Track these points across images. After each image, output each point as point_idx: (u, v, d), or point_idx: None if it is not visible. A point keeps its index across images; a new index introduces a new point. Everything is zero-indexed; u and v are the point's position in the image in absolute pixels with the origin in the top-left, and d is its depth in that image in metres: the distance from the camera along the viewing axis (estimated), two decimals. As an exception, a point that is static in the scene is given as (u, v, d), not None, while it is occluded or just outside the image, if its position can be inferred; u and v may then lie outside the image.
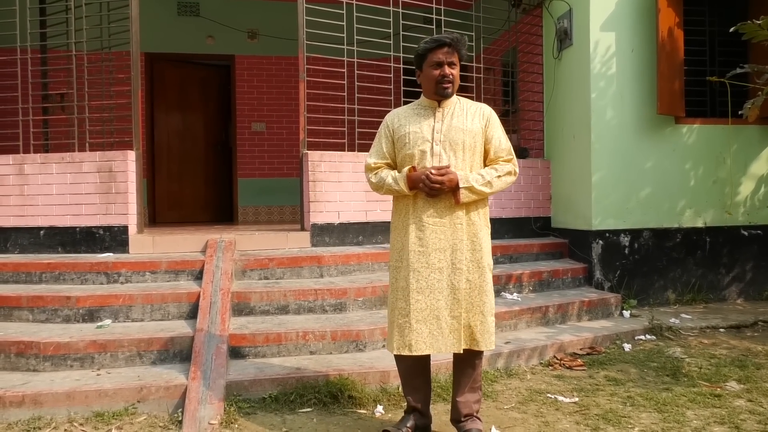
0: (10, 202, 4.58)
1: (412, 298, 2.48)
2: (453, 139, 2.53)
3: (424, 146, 2.53)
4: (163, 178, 7.79)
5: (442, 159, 2.51)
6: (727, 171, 5.20)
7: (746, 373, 3.40)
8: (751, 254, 5.31)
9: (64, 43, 4.98)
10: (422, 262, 2.49)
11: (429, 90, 2.57)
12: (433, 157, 2.52)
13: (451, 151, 2.52)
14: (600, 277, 4.99)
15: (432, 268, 2.49)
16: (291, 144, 7.83)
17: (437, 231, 2.50)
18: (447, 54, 2.50)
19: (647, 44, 5.03)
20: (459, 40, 2.54)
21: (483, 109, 2.63)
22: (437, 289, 2.48)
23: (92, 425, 2.77)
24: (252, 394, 3.02)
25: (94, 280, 4.04)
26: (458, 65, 2.56)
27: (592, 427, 2.72)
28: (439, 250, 2.49)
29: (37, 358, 3.21)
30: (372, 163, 2.64)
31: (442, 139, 2.53)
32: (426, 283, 2.48)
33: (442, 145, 2.52)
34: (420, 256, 2.50)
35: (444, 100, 2.58)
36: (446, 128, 2.54)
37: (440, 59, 2.50)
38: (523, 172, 5.61)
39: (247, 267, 4.17)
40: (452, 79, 2.52)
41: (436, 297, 2.48)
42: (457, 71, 2.55)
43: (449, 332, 2.48)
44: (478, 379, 2.61)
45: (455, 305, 2.48)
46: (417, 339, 2.47)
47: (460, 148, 2.52)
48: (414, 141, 2.54)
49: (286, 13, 6.56)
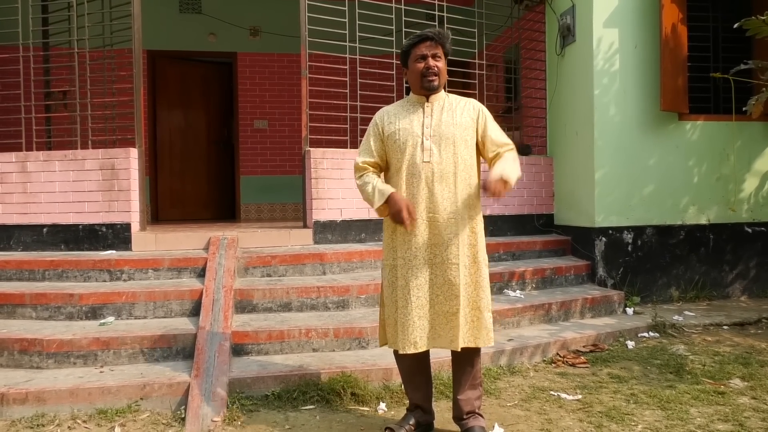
0: (13, 200, 4.58)
1: (412, 294, 2.47)
2: (443, 133, 2.51)
3: (415, 142, 2.52)
4: (166, 176, 7.80)
5: (433, 154, 2.49)
6: (730, 168, 5.18)
7: (750, 370, 3.39)
8: (754, 251, 5.29)
9: (66, 41, 4.98)
10: (419, 259, 2.48)
11: (416, 85, 2.57)
12: (424, 152, 2.50)
13: (441, 146, 2.50)
14: (603, 274, 4.98)
15: (429, 264, 2.48)
16: (293, 141, 7.83)
17: (432, 227, 2.49)
18: (430, 47, 2.51)
19: (651, 40, 5.01)
20: (442, 34, 2.53)
21: (473, 103, 2.62)
22: (435, 284, 2.48)
23: (95, 422, 2.77)
24: (255, 391, 3.02)
25: (97, 278, 4.05)
26: (443, 59, 2.55)
27: (596, 425, 2.72)
28: (434, 245, 2.48)
29: (41, 355, 3.21)
30: (360, 162, 2.61)
31: (432, 134, 2.51)
32: (424, 280, 2.47)
33: (432, 140, 2.50)
34: (416, 252, 2.48)
35: (432, 94, 2.56)
36: (436, 123, 2.53)
37: (423, 53, 2.50)
38: (526, 169, 5.60)
39: (249, 264, 4.17)
40: (437, 71, 2.51)
41: (435, 293, 2.48)
42: (442, 64, 2.54)
43: (449, 329, 2.47)
44: (478, 376, 2.61)
45: (453, 301, 2.46)
46: (421, 336, 2.46)
47: (450, 142, 2.50)
48: (404, 137, 2.53)
49: (288, 10, 6.54)
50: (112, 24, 5.00)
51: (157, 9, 7.31)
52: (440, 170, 2.48)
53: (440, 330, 2.48)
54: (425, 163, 2.49)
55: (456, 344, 2.47)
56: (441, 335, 2.48)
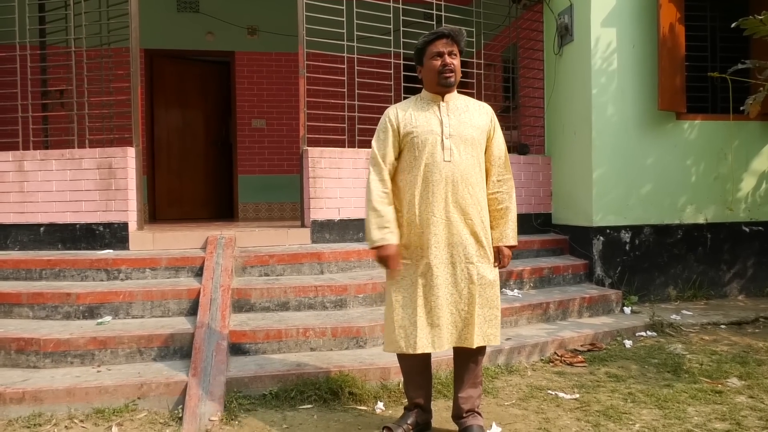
0: (10, 199, 4.57)
1: (432, 294, 2.45)
2: (463, 134, 2.51)
3: (434, 140, 2.49)
4: (163, 175, 7.78)
5: (453, 153, 2.48)
6: (728, 167, 5.19)
7: (747, 369, 3.40)
8: (752, 251, 5.30)
9: (63, 40, 4.97)
10: (439, 258, 2.46)
11: (431, 82, 2.55)
12: (444, 151, 2.48)
13: (461, 146, 2.50)
14: (601, 273, 4.98)
15: (449, 263, 2.47)
16: (291, 140, 7.83)
17: (450, 226, 2.47)
18: (446, 44, 2.49)
19: (648, 40, 5.01)
20: (458, 32, 2.53)
21: (486, 108, 2.64)
22: (453, 283, 2.48)
23: (93, 422, 2.77)
24: (252, 390, 3.01)
25: (94, 277, 4.04)
26: (459, 57, 2.54)
27: (593, 424, 2.72)
28: (452, 245, 2.47)
29: (38, 354, 3.20)
30: (379, 157, 2.53)
31: (452, 134, 2.50)
32: (444, 279, 2.47)
33: (452, 140, 2.49)
34: (429, 251, 2.46)
35: (447, 92, 2.56)
36: (456, 123, 2.52)
37: (440, 50, 2.49)
38: (524, 169, 5.60)
39: (247, 264, 4.17)
40: (453, 68, 2.50)
41: (452, 292, 2.47)
42: (458, 62, 2.53)
43: (466, 327, 2.48)
44: (479, 375, 2.61)
45: (471, 300, 2.46)
46: (438, 335, 2.45)
47: (470, 143, 2.51)
48: (423, 136, 2.49)
49: (286, 9, 6.53)
50: (109, 23, 4.98)
51: (154, 8, 7.30)
52: (462, 170, 2.49)
53: (457, 329, 2.48)
54: (446, 162, 2.47)
55: (471, 342, 2.47)
56: (458, 334, 2.48)
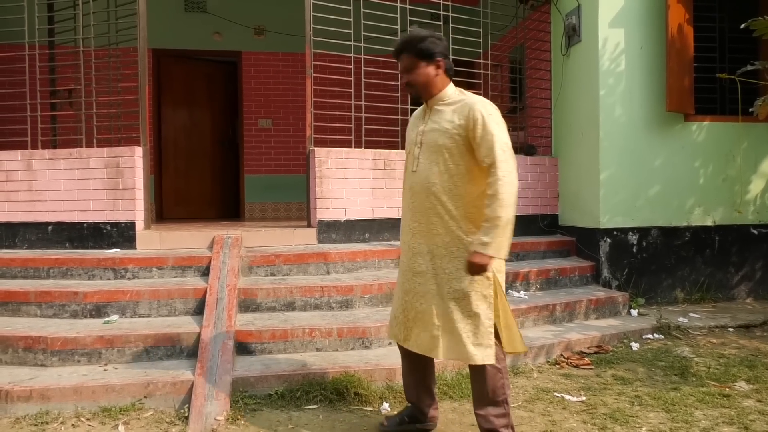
0: (19, 198, 4.59)
1: (397, 296, 2.54)
2: (430, 141, 2.38)
3: (411, 150, 2.51)
4: (170, 174, 7.81)
5: (419, 163, 2.40)
6: (737, 169, 5.16)
7: (755, 373, 3.37)
8: (760, 253, 5.26)
9: (71, 39, 5.00)
10: (404, 264, 2.50)
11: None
12: (414, 161, 2.46)
13: (427, 154, 2.38)
14: (608, 275, 4.96)
15: (411, 271, 2.46)
16: (298, 140, 7.84)
17: (415, 236, 2.44)
18: (401, 62, 2.47)
19: (657, 41, 4.99)
20: (407, 43, 2.43)
21: (469, 105, 2.32)
22: (413, 291, 2.45)
23: (99, 420, 2.78)
24: (258, 390, 3.02)
25: (101, 276, 4.05)
26: (417, 66, 2.40)
27: (600, 427, 2.71)
28: (418, 254, 2.43)
29: (45, 353, 3.22)
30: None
31: (423, 141, 2.43)
32: (410, 286, 2.46)
33: (421, 149, 2.42)
34: (403, 258, 2.51)
35: (429, 99, 2.48)
36: (429, 130, 2.41)
37: (400, 70, 2.49)
38: (531, 170, 5.59)
39: (253, 263, 4.17)
40: (411, 83, 2.44)
41: (412, 299, 2.45)
42: (416, 74, 2.41)
43: (426, 337, 2.39)
44: (492, 392, 2.33)
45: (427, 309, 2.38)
46: (400, 331, 2.49)
47: (434, 150, 2.36)
48: (408, 146, 2.55)
49: (293, 9, 6.54)
50: (117, 23, 5.01)
51: (162, 8, 7.33)
52: (422, 180, 2.39)
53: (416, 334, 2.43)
54: (413, 172, 2.46)
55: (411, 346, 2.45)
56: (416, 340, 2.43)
